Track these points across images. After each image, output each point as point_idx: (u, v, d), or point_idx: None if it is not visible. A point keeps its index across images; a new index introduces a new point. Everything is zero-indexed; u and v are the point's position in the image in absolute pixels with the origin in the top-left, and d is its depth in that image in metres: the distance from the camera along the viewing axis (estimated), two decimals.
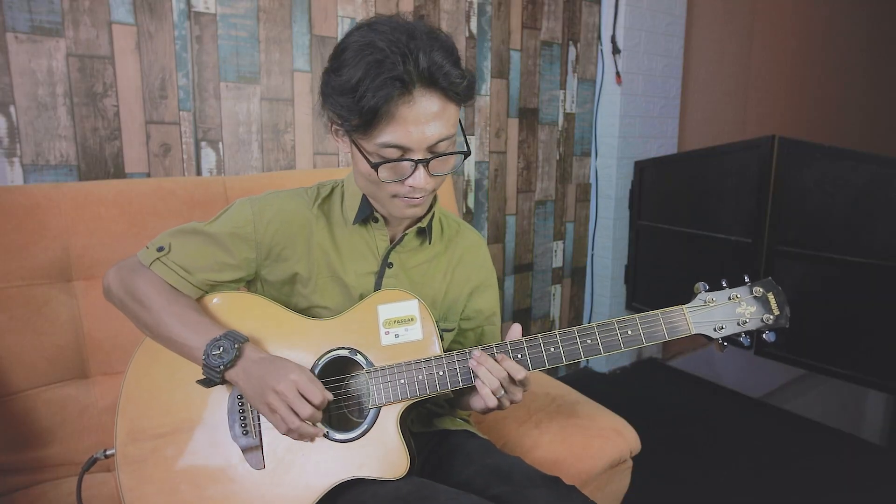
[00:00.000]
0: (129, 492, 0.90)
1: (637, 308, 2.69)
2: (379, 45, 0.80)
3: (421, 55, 0.80)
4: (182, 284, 0.94)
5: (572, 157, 2.59)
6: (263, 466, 0.90)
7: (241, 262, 0.98)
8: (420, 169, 0.86)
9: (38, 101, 1.37)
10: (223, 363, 0.86)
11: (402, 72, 0.80)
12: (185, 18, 1.54)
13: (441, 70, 0.82)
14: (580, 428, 1.31)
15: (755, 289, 0.94)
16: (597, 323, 0.92)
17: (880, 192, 1.88)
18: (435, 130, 0.84)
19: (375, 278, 1.01)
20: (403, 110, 0.82)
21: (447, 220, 1.12)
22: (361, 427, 0.91)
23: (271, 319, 0.96)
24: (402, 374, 0.92)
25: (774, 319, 0.92)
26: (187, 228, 0.98)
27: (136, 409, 0.93)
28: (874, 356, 1.94)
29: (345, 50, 0.84)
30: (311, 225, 1.00)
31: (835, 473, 1.99)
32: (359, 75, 0.80)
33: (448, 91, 0.84)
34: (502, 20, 2.22)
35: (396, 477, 0.88)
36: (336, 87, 0.84)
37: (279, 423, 0.86)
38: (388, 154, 0.85)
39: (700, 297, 0.93)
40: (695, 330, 0.91)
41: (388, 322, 0.95)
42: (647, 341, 0.91)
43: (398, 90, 0.80)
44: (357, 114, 0.82)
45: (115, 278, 0.96)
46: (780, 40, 3.41)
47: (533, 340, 0.92)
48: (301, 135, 1.79)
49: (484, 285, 1.12)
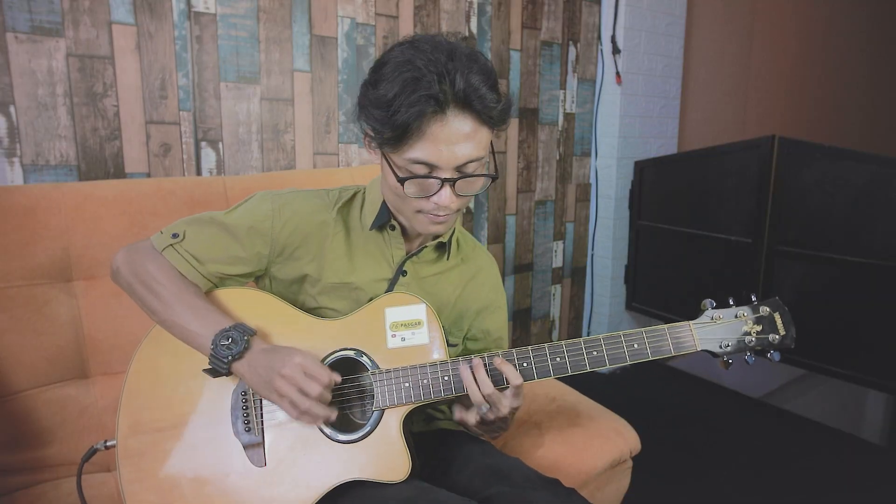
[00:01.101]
0: (129, 484, 0.90)
1: (637, 308, 2.70)
2: (417, 64, 0.82)
3: (458, 76, 0.81)
4: (192, 274, 0.94)
5: (572, 157, 2.59)
6: (265, 464, 0.90)
7: (253, 256, 0.98)
8: (446, 188, 0.87)
9: (38, 101, 1.37)
10: (231, 354, 0.86)
11: (438, 91, 0.81)
12: (185, 18, 1.54)
13: (476, 92, 0.83)
14: (580, 428, 1.31)
15: (761, 308, 0.94)
16: (603, 335, 0.92)
17: (880, 192, 1.88)
18: (465, 151, 0.85)
19: (388, 285, 1.01)
20: (435, 128, 0.83)
21: (465, 237, 1.13)
22: (364, 429, 0.91)
23: (278, 317, 0.97)
24: (406, 377, 0.92)
25: (780, 339, 0.93)
26: (204, 218, 0.98)
27: (138, 402, 0.93)
28: (874, 356, 1.94)
29: (384, 65, 0.85)
30: (327, 227, 1.00)
31: (835, 473, 1.99)
32: (395, 91, 0.81)
33: (482, 114, 0.84)
34: (502, 20, 2.22)
35: (397, 480, 0.88)
36: (372, 100, 0.85)
37: (289, 407, 0.86)
38: (416, 170, 0.86)
39: (707, 313, 0.94)
40: (700, 346, 0.92)
41: (394, 325, 0.95)
42: (654, 356, 0.91)
43: (432, 108, 0.81)
44: (389, 127, 0.83)
45: (125, 261, 0.95)
46: (780, 40, 3.41)
47: (539, 350, 0.92)
48: (301, 135, 1.79)
49: (493, 306, 1.12)
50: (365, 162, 1.92)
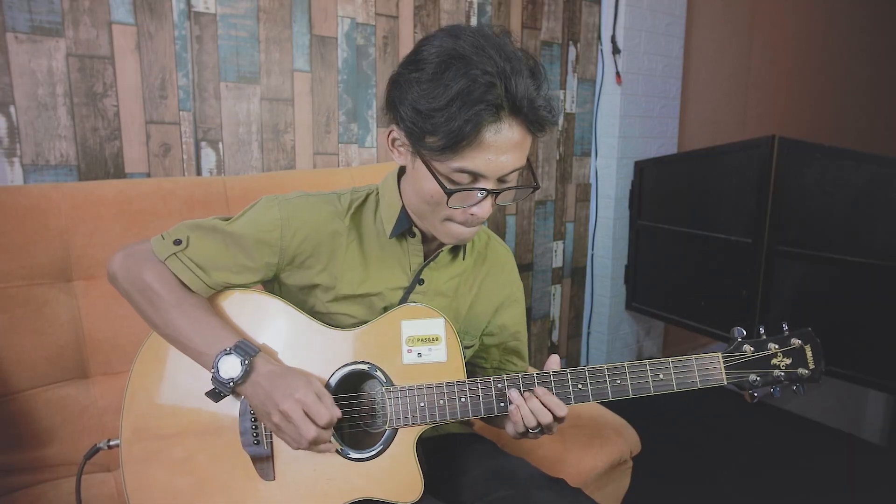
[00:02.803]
0: (133, 492, 0.87)
1: (637, 308, 2.69)
2: (474, 64, 0.75)
3: (516, 80, 0.76)
4: (196, 284, 0.89)
5: (572, 157, 2.59)
6: (273, 478, 0.88)
7: (261, 266, 0.93)
8: (489, 199, 0.83)
9: (38, 101, 1.37)
10: (233, 380, 0.82)
11: (496, 97, 0.75)
12: (185, 18, 1.54)
13: (531, 101, 0.77)
14: (580, 428, 1.31)
15: (793, 340, 0.91)
16: (629, 363, 0.89)
17: (880, 192, 1.88)
18: (511, 161, 0.81)
19: (404, 293, 0.97)
20: (488, 137, 0.77)
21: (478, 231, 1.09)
22: (377, 447, 0.89)
23: (288, 326, 0.92)
24: (422, 396, 0.88)
25: (809, 374, 0.90)
26: (207, 224, 0.92)
27: (142, 406, 0.90)
28: (874, 356, 1.94)
29: (427, 62, 0.78)
30: (340, 237, 0.95)
31: (835, 473, 1.99)
32: (450, 95, 0.74)
33: (533, 123, 0.80)
34: (502, 20, 2.22)
35: (408, 502, 0.86)
36: (418, 102, 0.77)
37: (288, 441, 0.84)
38: (458, 178, 0.81)
39: (736, 345, 0.91)
40: (727, 381, 0.90)
41: (411, 339, 0.91)
42: (679, 388, 0.89)
43: (491, 116, 0.76)
44: (442, 134, 0.76)
45: (122, 267, 0.89)
46: (780, 40, 3.41)
47: (560, 375, 0.89)
48: (301, 135, 1.79)
49: (510, 300, 1.08)
50: (365, 162, 1.92)
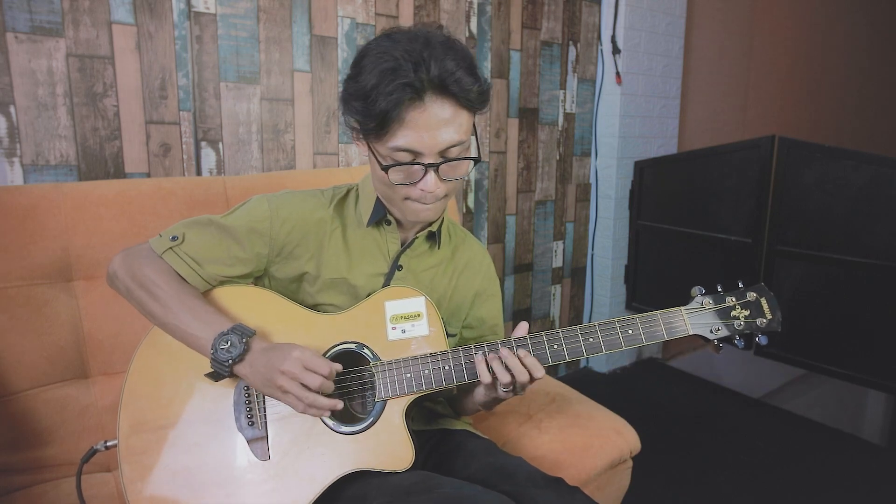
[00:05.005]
0: (131, 483, 0.90)
1: (637, 308, 2.69)
2: (394, 54, 0.84)
3: (433, 63, 0.84)
4: (192, 276, 0.95)
5: (572, 157, 2.59)
6: (269, 457, 0.91)
7: (253, 256, 0.99)
8: (430, 173, 0.89)
9: (38, 101, 1.37)
10: (231, 357, 0.87)
11: (414, 78, 0.83)
12: (185, 18, 1.54)
13: (452, 77, 0.84)
14: (580, 428, 1.31)
15: (748, 293, 0.98)
16: (598, 322, 0.95)
17: (880, 192, 1.88)
18: (446, 136, 0.87)
19: (384, 280, 1.03)
20: (414, 115, 0.85)
21: (454, 228, 1.16)
22: (367, 420, 0.92)
23: (278, 314, 0.97)
24: (408, 368, 0.93)
25: (767, 323, 0.97)
26: (202, 220, 0.99)
27: (139, 401, 0.93)
28: (874, 356, 1.94)
29: (363, 58, 0.88)
30: (325, 225, 1.02)
31: (835, 473, 1.99)
32: (373, 82, 0.84)
33: (460, 98, 0.86)
34: (502, 20, 2.22)
35: (401, 469, 0.90)
36: (353, 93, 0.87)
37: (294, 401, 0.86)
38: (400, 157, 0.88)
39: (696, 300, 0.97)
40: (692, 331, 0.95)
41: (395, 318, 0.97)
42: (647, 340, 0.94)
43: (409, 96, 0.83)
44: (371, 118, 0.85)
45: (122, 265, 0.96)
46: (780, 40, 3.41)
47: (536, 338, 0.94)
48: (301, 135, 1.79)
49: (487, 293, 1.15)
50: (365, 162, 1.92)
